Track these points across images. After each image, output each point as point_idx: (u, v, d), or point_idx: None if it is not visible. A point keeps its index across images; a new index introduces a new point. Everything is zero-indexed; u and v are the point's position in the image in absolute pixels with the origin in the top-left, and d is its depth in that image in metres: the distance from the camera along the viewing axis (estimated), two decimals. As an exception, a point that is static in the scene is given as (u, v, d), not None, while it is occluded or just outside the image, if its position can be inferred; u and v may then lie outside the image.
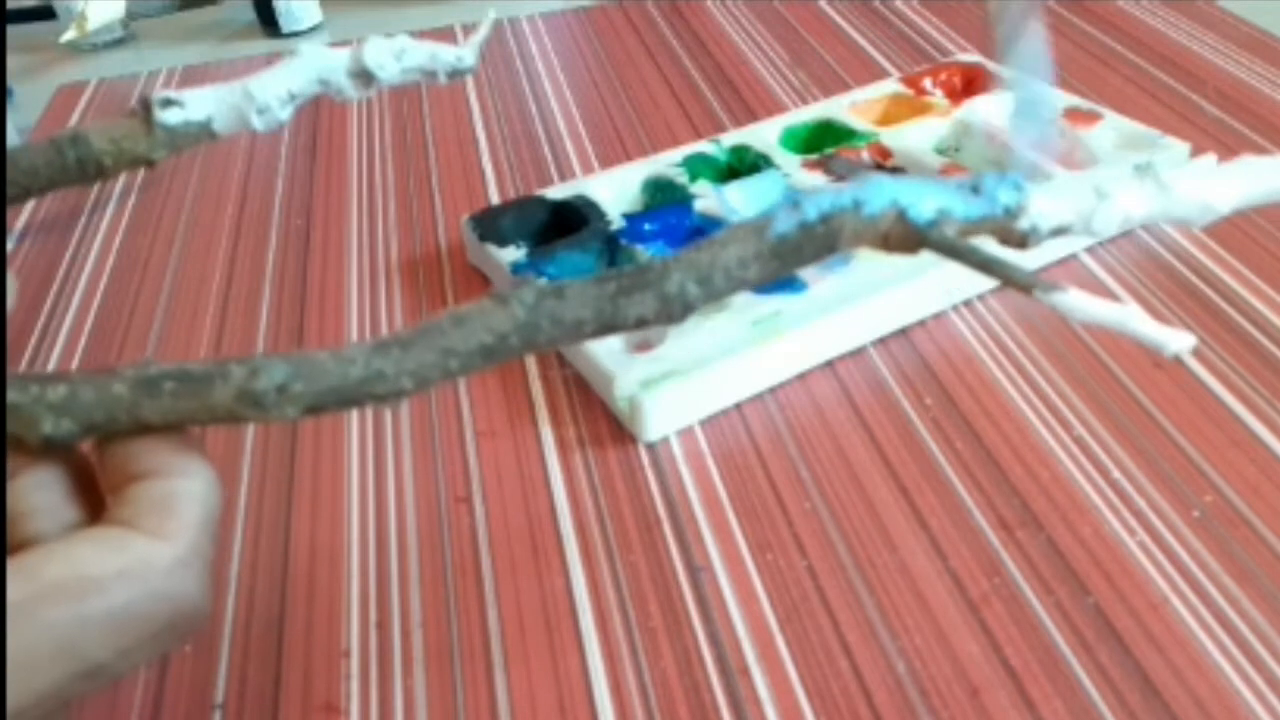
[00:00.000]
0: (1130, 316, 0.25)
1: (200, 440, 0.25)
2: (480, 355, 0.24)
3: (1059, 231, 0.26)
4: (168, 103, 0.29)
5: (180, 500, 0.23)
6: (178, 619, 0.23)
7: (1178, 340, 0.24)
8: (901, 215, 0.25)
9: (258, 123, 0.29)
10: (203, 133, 0.29)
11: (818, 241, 0.26)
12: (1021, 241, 0.26)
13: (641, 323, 0.25)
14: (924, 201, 0.25)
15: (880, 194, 0.25)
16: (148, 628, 0.22)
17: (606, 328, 0.25)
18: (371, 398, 0.24)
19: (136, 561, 0.22)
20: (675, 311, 0.25)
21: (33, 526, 0.23)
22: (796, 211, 0.25)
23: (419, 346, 0.24)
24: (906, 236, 0.26)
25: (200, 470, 0.24)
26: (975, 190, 0.25)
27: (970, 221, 0.25)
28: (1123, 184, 0.26)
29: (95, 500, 0.24)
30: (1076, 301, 0.25)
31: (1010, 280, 0.25)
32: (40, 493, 0.24)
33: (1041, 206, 0.26)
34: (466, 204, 0.58)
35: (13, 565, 0.22)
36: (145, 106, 0.29)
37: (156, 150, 0.29)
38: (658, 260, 0.25)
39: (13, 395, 0.23)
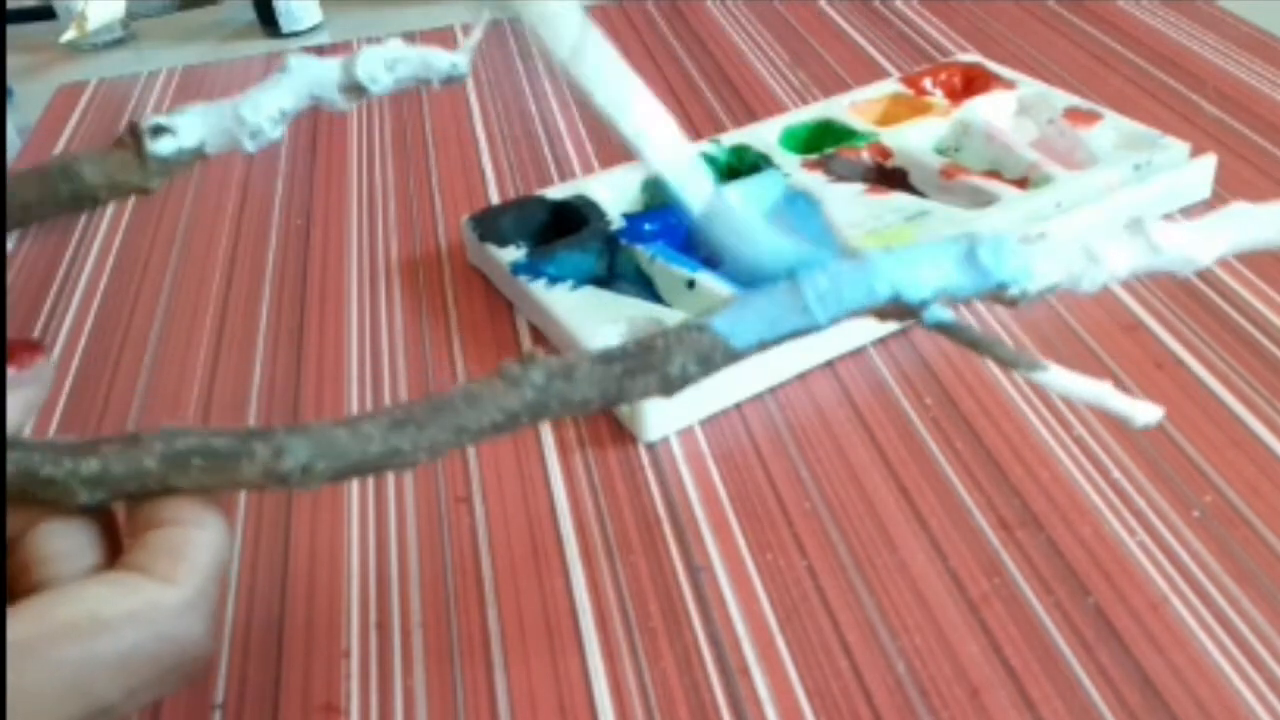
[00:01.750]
0: (1105, 393, 0.27)
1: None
2: (491, 430, 0.26)
3: (1049, 291, 0.28)
4: (158, 130, 0.29)
5: (192, 547, 0.24)
6: (183, 660, 0.23)
7: (1146, 414, 0.27)
8: (897, 298, 0.27)
9: (249, 145, 0.29)
10: (196, 157, 0.29)
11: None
12: (1012, 303, 0.28)
13: (644, 396, 0.27)
14: (920, 283, 0.27)
15: (880, 281, 0.27)
16: (155, 668, 0.23)
17: (611, 404, 0.27)
18: (389, 469, 0.26)
19: (145, 604, 0.22)
20: (675, 387, 0.27)
21: (51, 571, 0.24)
22: (806, 316, 0.27)
23: (434, 426, 0.25)
24: (900, 312, 0.28)
25: (214, 521, 0.25)
26: (970, 258, 0.27)
27: (965, 295, 0.27)
28: (1111, 244, 0.27)
29: (116, 546, 0.25)
30: (1056, 379, 0.27)
31: (997, 358, 0.28)
32: (60, 539, 0.24)
33: (1035, 270, 0.27)
34: (466, 204, 0.58)
35: (25, 606, 0.22)
36: (135, 136, 0.29)
37: (151, 181, 0.29)
38: (659, 338, 0.27)
39: (46, 470, 0.24)
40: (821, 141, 0.57)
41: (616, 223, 0.50)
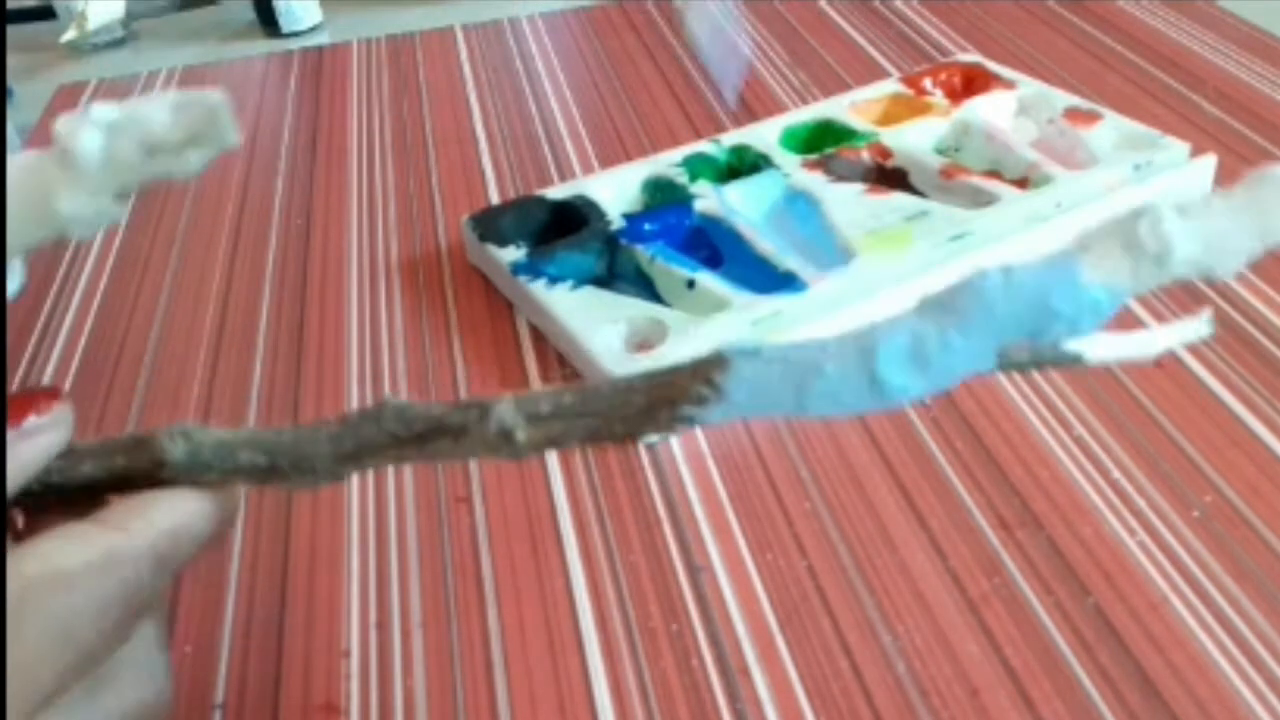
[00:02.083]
0: (1156, 340, 0.25)
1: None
2: None
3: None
4: None
5: (155, 506, 0.25)
6: (140, 602, 0.24)
7: (1199, 330, 0.25)
8: None
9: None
10: None
11: None
12: None
13: None
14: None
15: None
16: (124, 611, 0.24)
17: None
18: None
19: (100, 552, 0.23)
20: None
21: None
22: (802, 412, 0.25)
23: (426, 458, 0.26)
24: None
25: (199, 494, 0.26)
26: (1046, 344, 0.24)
27: None
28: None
29: None
30: (1105, 352, 0.25)
31: (1065, 363, 0.25)
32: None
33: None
34: (466, 204, 0.58)
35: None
36: None
37: None
38: (650, 423, 0.25)
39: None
40: (821, 141, 0.57)
41: (616, 223, 0.50)
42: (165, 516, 0.25)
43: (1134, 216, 0.24)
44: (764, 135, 0.56)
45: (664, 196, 0.53)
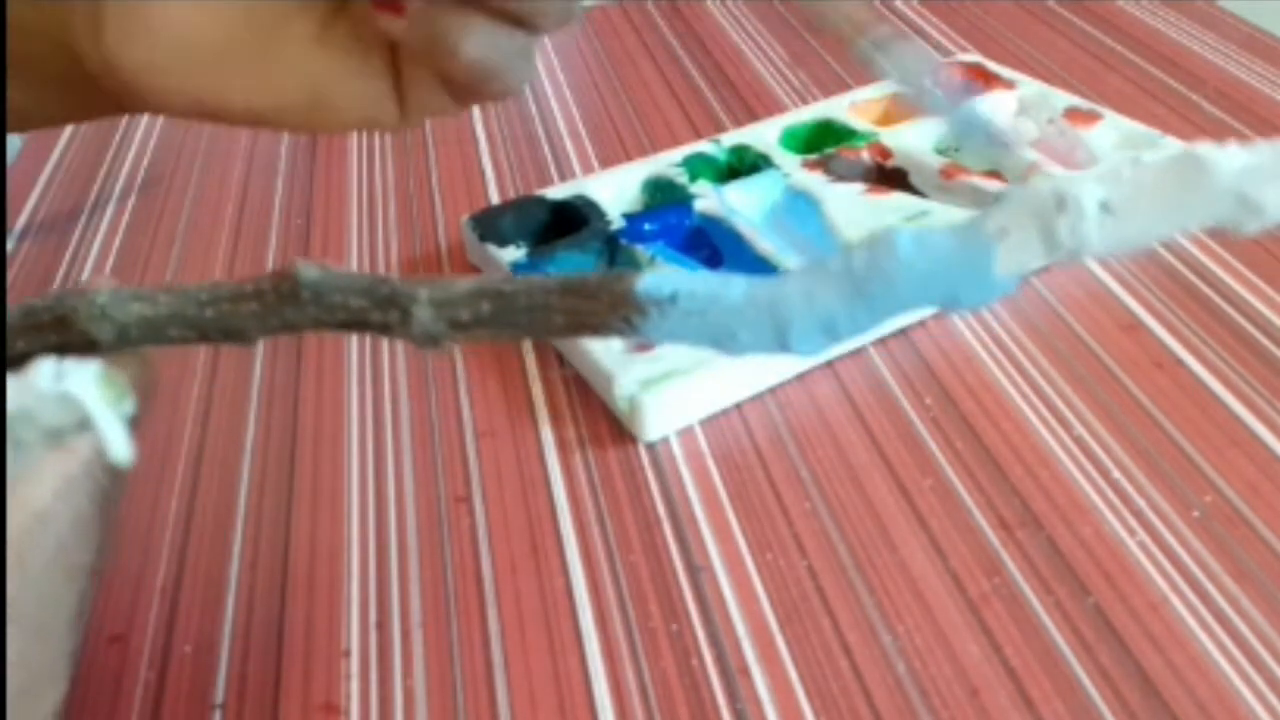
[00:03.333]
0: None
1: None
2: None
3: None
4: None
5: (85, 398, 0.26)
6: (109, 499, 0.26)
7: None
8: None
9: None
10: None
11: None
12: None
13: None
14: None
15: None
16: (100, 515, 0.25)
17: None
18: None
19: (59, 480, 0.24)
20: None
21: None
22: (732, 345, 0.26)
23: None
24: None
25: (129, 362, 0.27)
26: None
27: None
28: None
29: None
30: None
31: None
32: None
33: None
34: (466, 204, 0.58)
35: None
36: None
37: None
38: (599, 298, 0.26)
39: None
40: (821, 141, 0.57)
41: (616, 223, 0.50)
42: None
43: (1056, 205, 0.23)
44: (764, 135, 0.56)
45: (664, 196, 0.53)
